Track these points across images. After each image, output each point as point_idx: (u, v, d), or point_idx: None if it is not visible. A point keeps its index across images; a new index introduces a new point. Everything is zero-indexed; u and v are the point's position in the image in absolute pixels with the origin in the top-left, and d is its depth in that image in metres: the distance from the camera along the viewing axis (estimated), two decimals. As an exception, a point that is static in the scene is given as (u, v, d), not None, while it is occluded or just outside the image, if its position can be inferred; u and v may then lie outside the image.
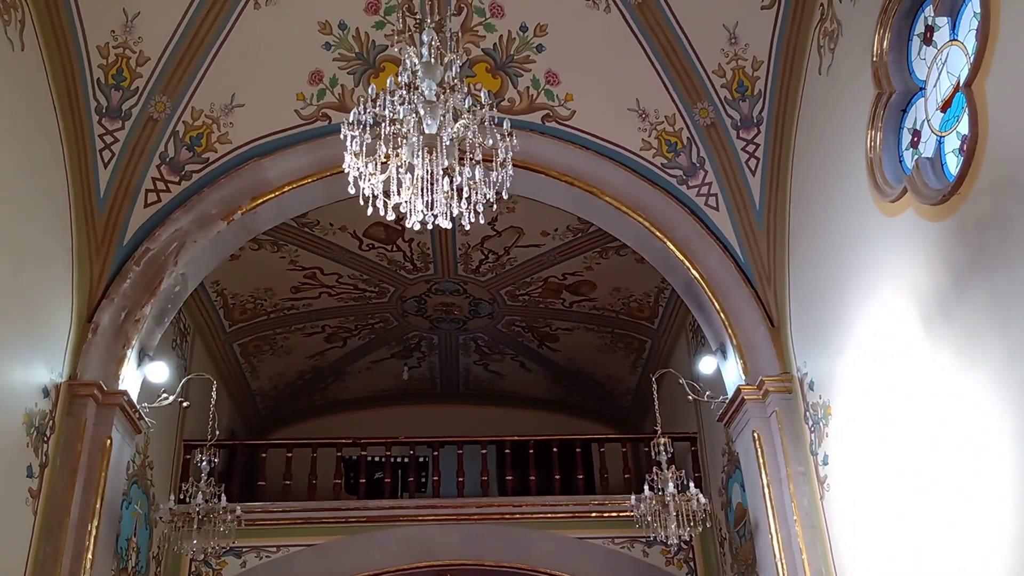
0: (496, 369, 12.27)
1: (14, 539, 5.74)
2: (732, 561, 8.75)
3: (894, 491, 5.40)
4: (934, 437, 4.92)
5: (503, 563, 9.25)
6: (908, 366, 5.20)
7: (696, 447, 9.74)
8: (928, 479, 4.99)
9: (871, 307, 5.64)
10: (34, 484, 5.95)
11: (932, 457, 4.94)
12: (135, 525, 7.84)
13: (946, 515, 4.81)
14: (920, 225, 5.02)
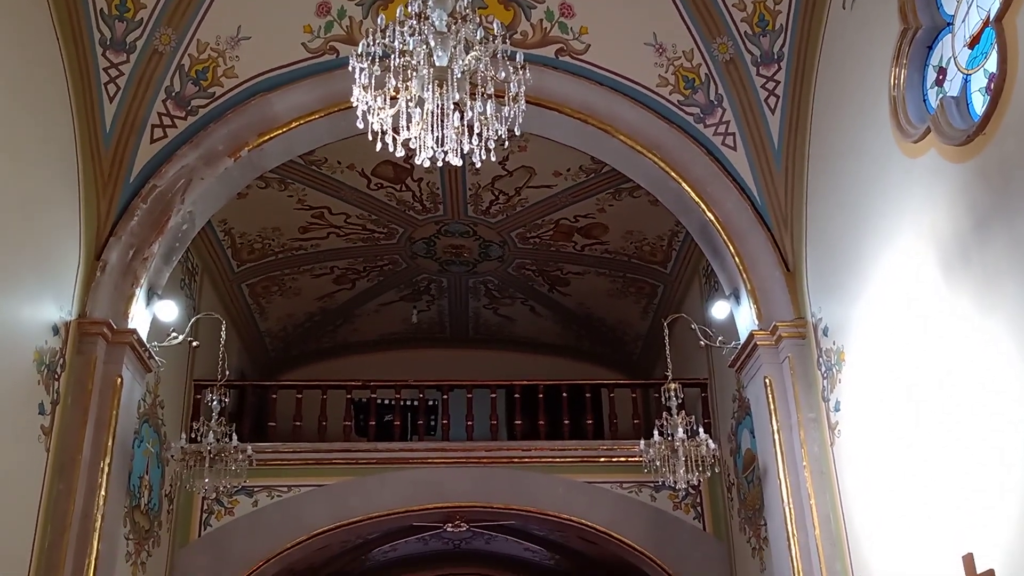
0: (506, 313, 12.33)
1: (28, 476, 5.90)
2: (739, 506, 8.90)
3: (907, 438, 5.45)
4: (949, 384, 4.94)
5: (511, 506, 9.44)
6: (925, 312, 5.20)
7: (706, 393, 9.82)
8: (942, 426, 5.03)
9: (889, 252, 5.63)
10: (46, 421, 6.09)
11: (947, 404, 4.98)
12: (147, 463, 8.02)
13: (960, 462, 4.86)
14: (942, 167, 4.97)
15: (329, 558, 11.12)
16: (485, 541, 11.66)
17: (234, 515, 9.01)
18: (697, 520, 9.47)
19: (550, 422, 9.87)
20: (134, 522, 7.72)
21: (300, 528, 9.02)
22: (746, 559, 8.77)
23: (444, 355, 12.38)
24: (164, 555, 8.55)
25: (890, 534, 5.69)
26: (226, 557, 8.86)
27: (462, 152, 4.10)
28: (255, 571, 8.92)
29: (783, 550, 6.79)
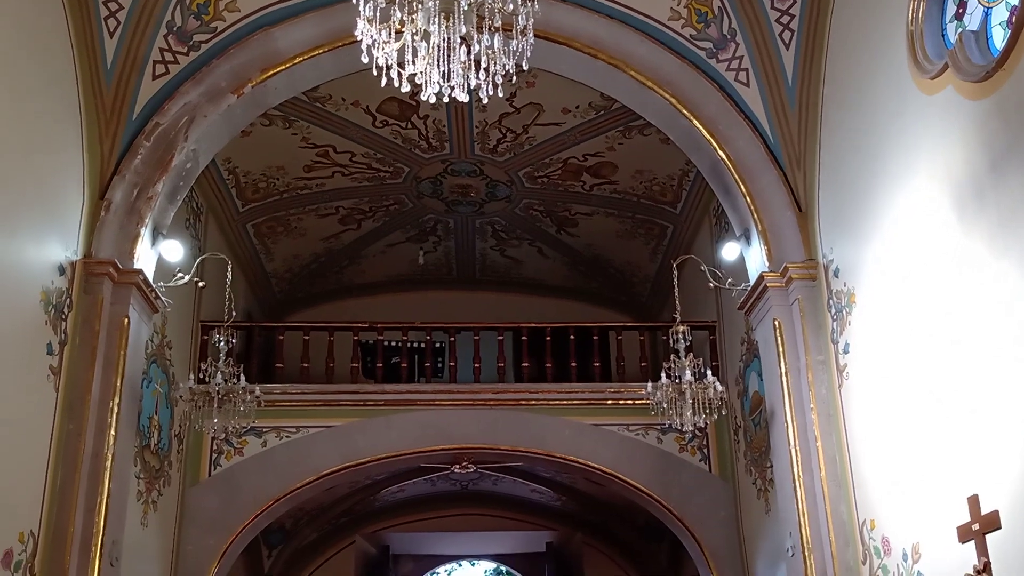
0: (513, 255, 12.35)
1: (38, 416, 6.02)
2: (746, 448, 9.04)
3: (915, 380, 5.52)
4: (959, 326, 4.98)
5: (518, 448, 9.59)
6: (938, 253, 5.22)
7: (714, 336, 9.89)
8: (950, 368, 5.09)
9: (903, 192, 5.62)
10: (54, 362, 6.19)
11: (956, 347, 5.02)
12: (156, 404, 8.17)
13: (967, 404, 4.92)
14: (959, 104, 4.93)
15: (338, 498, 11.37)
16: (492, 482, 11.88)
17: (243, 455, 9.20)
18: (703, 462, 9.63)
19: (557, 365, 9.96)
20: (144, 462, 7.89)
21: (309, 468, 9.21)
22: (751, 501, 8.94)
23: (451, 297, 12.44)
24: (175, 494, 8.76)
25: (896, 476, 5.79)
26: (236, 496, 9.07)
27: (469, 87, 4.07)
28: (265, 510, 9.15)
29: (788, 492, 6.91)
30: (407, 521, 12.87)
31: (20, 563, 5.65)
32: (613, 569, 12.74)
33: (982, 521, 4.74)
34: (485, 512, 12.88)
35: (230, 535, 8.99)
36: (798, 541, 6.71)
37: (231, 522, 9.02)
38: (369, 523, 12.71)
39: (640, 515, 11.07)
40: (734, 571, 9.22)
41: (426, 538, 13.22)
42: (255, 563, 11.23)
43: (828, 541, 6.51)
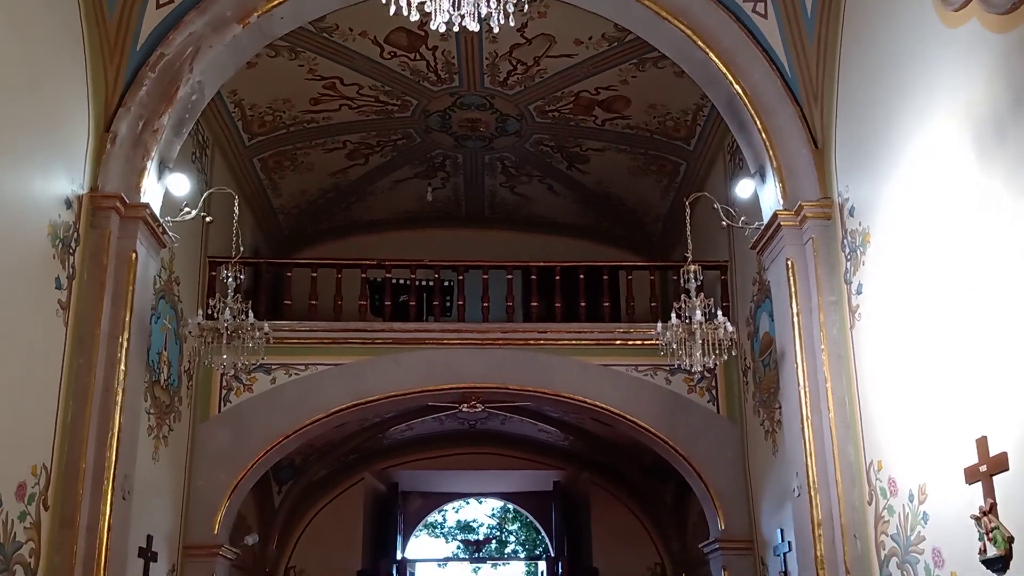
0: (523, 192, 12.33)
1: (48, 350, 6.11)
2: (755, 390, 9.14)
3: (927, 321, 5.55)
4: (974, 268, 5.00)
5: (526, 388, 9.73)
6: (955, 193, 5.21)
7: (726, 276, 9.92)
8: (963, 310, 5.12)
9: (923, 129, 5.58)
10: (63, 296, 6.27)
11: (972, 289, 5.04)
12: (165, 340, 8.29)
13: (978, 346, 4.97)
14: (983, 38, 4.87)
15: (347, 435, 11.58)
16: (500, 422, 12.05)
17: (253, 392, 9.37)
18: (711, 403, 9.76)
19: (566, 304, 10.03)
20: (154, 397, 8.05)
21: (318, 406, 9.38)
22: (759, 442, 9.08)
23: (460, 235, 12.47)
24: (185, 430, 8.95)
25: (904, 418, 5.87)
26: (246, 433, 9.26)
27: (479, 16, 4.03)
28: (275, 447, 9.35)
29: (796, 433, 7.01)
30: (415, 459, 13.11)
31: (33, 496, 5.80)
32: (619, 509, 12.99)
33: (990, 463, 4.81)
34: (493, 451, 13.09)
35: (240, 471, 9.20)
36: (804, 481, 6.83)
37: (241, 458, 9.22)
38: (378, 461, 12.96)
39: (647, 455, 11.26)
40: (739, 511, 9.41)
41: (434, 476, 13.49)
42: (265, 499, 11.51)
43: (835, 481, 6.62)
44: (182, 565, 8.80)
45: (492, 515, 23.65)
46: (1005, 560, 4.65)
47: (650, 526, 12.92)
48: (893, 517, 5.99)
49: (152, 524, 7.98)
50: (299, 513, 12.47)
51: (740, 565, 9.34)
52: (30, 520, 5.75)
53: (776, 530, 8.54)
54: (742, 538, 9.36)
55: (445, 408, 10.86)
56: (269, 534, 11.78)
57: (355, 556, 12.41)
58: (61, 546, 6.10)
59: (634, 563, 12.76)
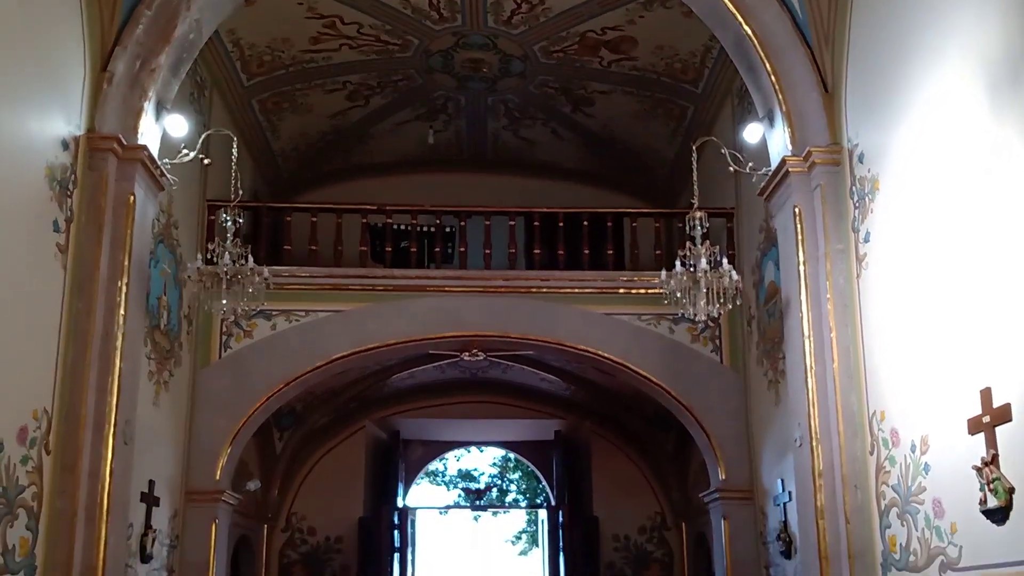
0: (526, 136, 12.26)
1: (46, 294, 6.15)
2: (759, 339, 9.20)
3: (934, 271, 5.58)
4: (986, 218, 5.01)
5: (528, 336, 9.80)
6: (967, 140, 5.19)
7: (732, 224, 9.92)
8: (971, 260, 5.14)
9: (935, 73, 5.54)
10: (61, 239, 6.29)
11: (978, 238, 5.06)
12: (164, 284, 8.34)
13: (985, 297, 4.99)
14: (1001, -22, 4.82)
15: (348, 383, 11.70)
16: (502, 370, 12.16)
17: (253, 338, 9.46)
18: (715, 353, 9.84)
19: (569, 252, 10.06)
20: (155, 342, 8.12)
21: (319, 353, 9.48)
22: (761, 392, 9.17)
23: (462, 180, 12.44)
24: (186, 376, 9.05)
25: (909, 368, 5.92)
26: (247, 379, 9.37)
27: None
28: (275, 393, 9.46)
29: (799, 383, 7.07)
30: (417, 407, 13.26)
31: (35, 440, 5.89)
32: (620, 458, 13.16)
33: (993, 414, 4.87)
34: (494, 400, 13.23)
35: (241, 417, 9.33)
36: (806, 432, 6.91)
37: (242, 404, 9.34)
38: (379, 408, 13.11)
39: (649, 405, 11.38)
40: (740, 461, 9.55)
41: (435, 424, 13.65)
42: (267, 445, 11.68)
43: (837, 432, 6.70)
44: (184, 510, 8.97)
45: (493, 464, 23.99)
46: (1005, 511, 4.73)
47: (651, 475, 13.11)
48: (894, 467, 6.09)
49: (154, 469, 8.12)
50: (300, 460, 12.66)
51: (740, 514, 9.51)
52: (32, 464, 5.85)
53: (777, 480, 8.67)
54: (742, 488, 9.52)
55: (446, 356, 10.95)
56: (271, 481, 11.98)
57: (356, 503, 12.62)
58: (63, 490, 6.21)
59: (634, 512, 12.99)
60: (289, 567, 12.45)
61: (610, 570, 12.78)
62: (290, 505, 12.64)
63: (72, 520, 6.22)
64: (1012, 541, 4.70)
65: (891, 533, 6.10)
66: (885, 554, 6.20)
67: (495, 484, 23.83)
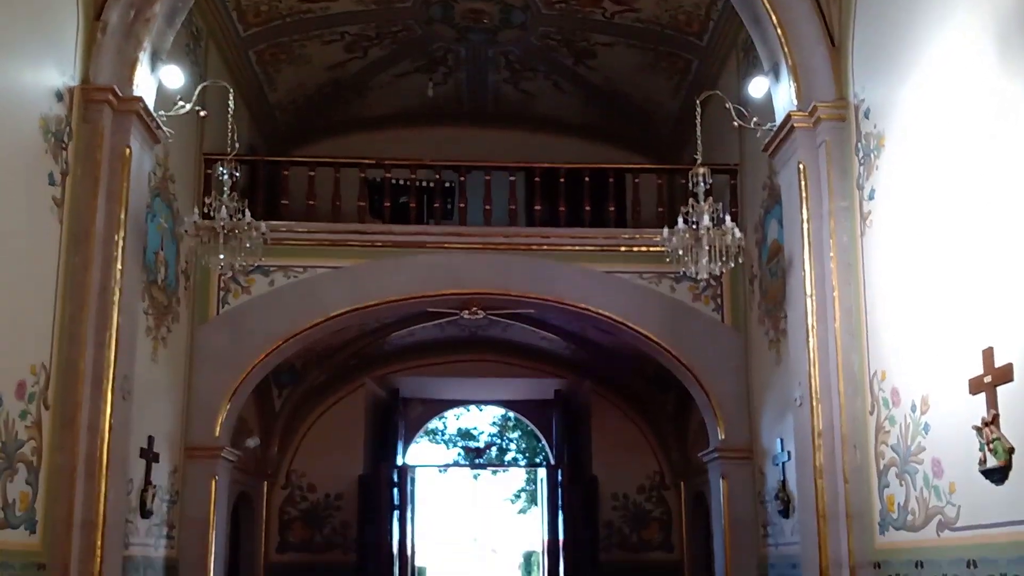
0: (527, 89, 12.17)
1: (43, 248, 6.17)
2: (760, 299, 9.23)
3: (940, 232, 5.59)
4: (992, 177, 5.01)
5: (528, 294, 9.82)
6: (975, 97, 5.17)
7: (736, 180, 9.89)
8: (976, 219, 5.15)
9: (943, 28, 5.50)
10: (57, 193, 6.30)
11: (983, 197, 5.07)
12: (161, 239, 8.35)
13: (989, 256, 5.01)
14: (1013, -69, 4.76)
15: (347, 340, 11.75)
16: (502, 329, 12.20)
17: (251, 294, 9.48)
18: (716, 312, 9.88)
19: (571, 208, 10.04)
20: (152, 297, 8.16)
21: (317, 310, 9.51)
22: (762, 351, 9.22)
23: (461, 134, 12.37)
24: (184, 331, 9.09)
25: (911, 328, 5.96)
26: (245, 335, 9.41)
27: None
28: (274, 350, 9.51)
29: (801, 342, 7.12)
30: (416, 365, 13.32)
31: (33, 394, 5.95)
32: (620, 417, 13.26)
33: (995, 373, 4.92)
34: (494, 359, 13.28)
35: (240, 374, 9.39)
36: (807, 391, 6.97)
37: (240, 361, 9.39)
38: (378, 366, 13.17)
39: (649, 365, 11.44)
40: (740, 421, 9.63)
41: (435, 382, 13.73)
42: (266, 403, 11.77)
43: (837, 392, 6.77)
44: (184, 466, 9.07)
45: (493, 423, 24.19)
46: (1004, 471, 4.80)
47: (650, 435, 13.23)
48: (894, 427, 6.15)
49: (153, 425, 8.20)
50: (300, 417, 12.76)
51: (739, 474, 9.62)
52: (31, 419, 5.92)
53: (776, 440, 8.77)
54: (742, 447, 9.61)
55: (446, 314, 10.97)
56: (270, 438, 12.10)
57: (356, 461, 12.75)
58: (63, 445, 6.30)
59: (633, 471, 13.12)
60: (289, 523, 12.62)
61: (609, 529, 12.95)
62: (290, 462, 12.77)
63: (72, 475, 6.32)
64: (1011, 501, 4.78)
65: (889, 493, 6.19)
66: (883, 514, 6.29)
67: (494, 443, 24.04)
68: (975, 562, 5.12)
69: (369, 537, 12.08)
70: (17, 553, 5.75)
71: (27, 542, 5.89)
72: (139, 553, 7.89)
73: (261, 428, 11.76)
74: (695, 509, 12.36)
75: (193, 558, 8.96)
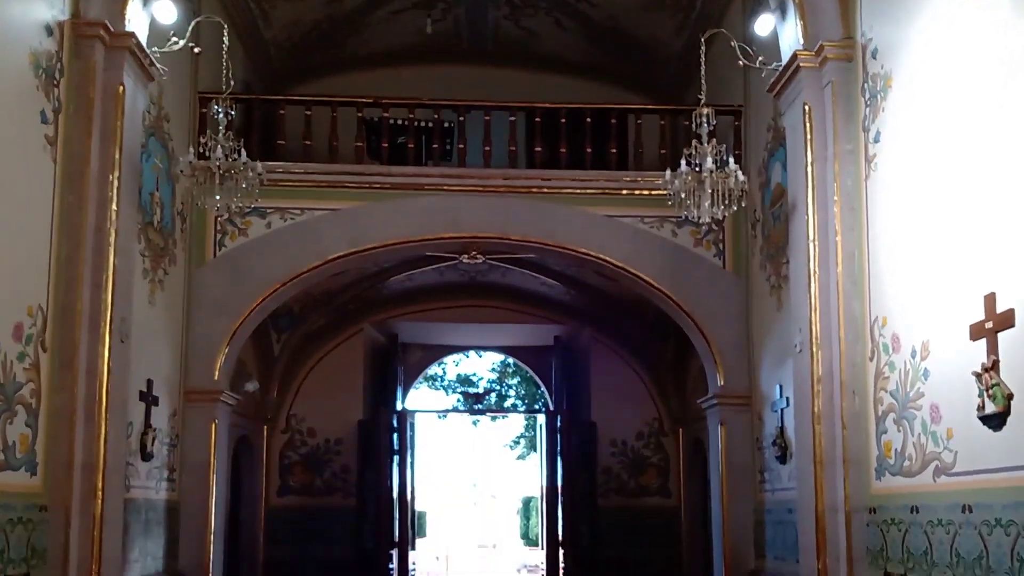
0: (528, 26, 11.98)
1: (36, 187, 6.16)
2: (763, 244, 9.23)
3: (945, 176, 5.58)
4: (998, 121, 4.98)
5: (528, 238, 9.81)
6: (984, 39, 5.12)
7: (740, 122, 9.81)
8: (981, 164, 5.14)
9: (956, -35, 5.43)
10: (49, 131, 6.27)
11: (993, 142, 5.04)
12: (156, 179, 8.32)
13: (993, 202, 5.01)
14: None
15: (345, 285, 11.78)
16: (501, 274, 12.21)
17: (248, 236, 9.47)
18: (717, 258, 9.89)
19: (572, 150, 9.99)
20: (148, 239, 8.16)
21: (315, 253, 9.51)
22: (763, 297, 9.26)
23: (461, 72, 12.21)
24: (181, 274, 9.11)
25: (913, 273, 5.99)
26: (243, 279, 9.42)
27: None
28: (272, 294, 9.53)
29: (802, 288, 7.16)
30: (415, 311, 13.37)
31: (31, 336, 6.00)
32: (619, 364, 13.35)
33: (996, 319, 4.96)
34: (493, 304, 13.32)
35: (238, 317, 9.43)
36: (807, 337, 7.02)
37: (238, 304, 9.43)
38: (377, 311, 13.22)
39: (649, 311, 11.49)
40: (739, 367, 9.69)
41: (434, 328, 13.79)
42: (265, 347, 11.85)
43: (838, 338, 6.82)
44: (183, 410, 9.16)
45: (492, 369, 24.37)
46: (1003, 417, 4.86)
47: (649, 382, 13.34)
48: (893, 373, 6.21)
49: (152, 368, 8.27)
50: (299, 362, 12.86)
51: (737, 420, 9.72)
52: (29, 361, 5.97)
53: (775, 386, 8.85)
54: (741, 394, 9.70)
55: (445, 259, 10.98)
56: (269, 382, 12.21)
57: (356, 406, 12.86)
58: (62, 388, 6.37)
59: (632, 418, 13.25)
60: (290, 468, 12.80)
61: (607, 475, 13.12)
62: (289, 407, 12.90)
63: (71, 417, 6.40)
64: (1008, 447, 4.85)
65: (887, 439, 6.27)
66: (880, 459, 6.39)
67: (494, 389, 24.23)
68: (970, 507, 5.21)
69: (369, 482, 12.26)
70: (19, 495, 5.85)
71: (28, 484, 5.99)
72: (140, 496, 8.01)
73: (260, 372, 11.86)
74: (693, 456, 12.52)
75: (194, 501, 9.10)
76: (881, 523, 6.34)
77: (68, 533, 6.30)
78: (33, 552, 6.02)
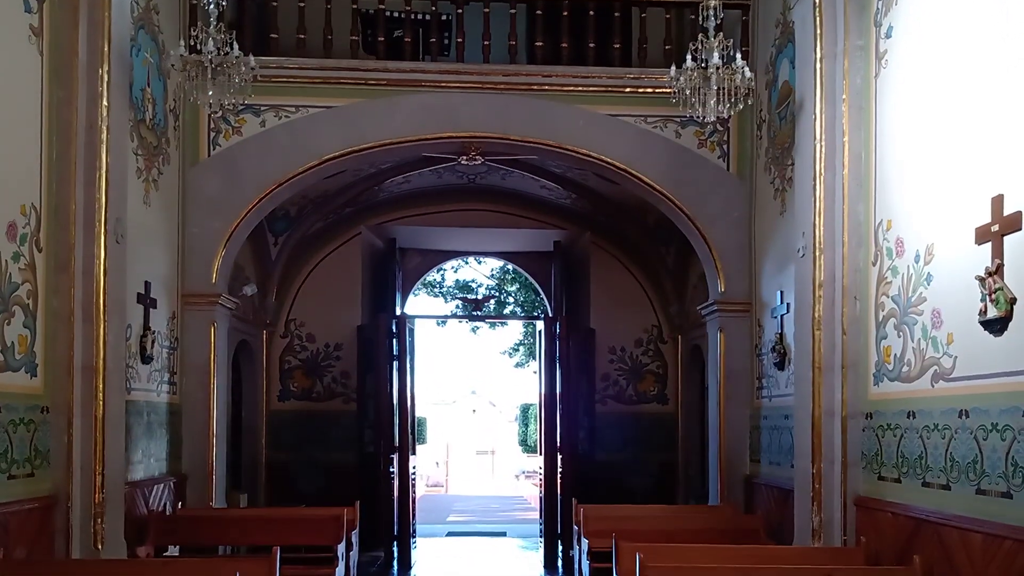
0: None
1: (23, 81, 6.06)
2: (768, 145, 9.15)
3: (958, 74, 5.49)
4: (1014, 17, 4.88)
5: (528, 138, 9.71)
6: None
7: (747, 17, 9.60)
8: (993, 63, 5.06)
9: None
10: (34, 21, 6.13)
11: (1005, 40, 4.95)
12: (147, 75, 8.18)
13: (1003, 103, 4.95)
14: None
15: (342, 186, 11.72)
16: (501, 177, 12.14)
17: (242, 135, 9.37)
18: (721, 159, 9.81)
19: (573, 45, 9.80)
20: (141, 137, 8.08)
21: (310, 152, 9.43)
22: (767, 200, 9.23)
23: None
24: (175, 173, 9.05)
25: (920, 175, 5.96)
26: (238, 179, 9.37)
27: None
28: (268, 195, 9.49)
29: (807, 190, 7.13)
30: (413, 214, 13.33)
31: (25, 236, 5.98)
32: (619, 270, 13.40)
33: (1003, 222, 4.95)
34: (493, 208, 13.28)
35: (234, 218, 9.41)
36: (810, 241, 7.02)
37: (234, 205, 9.40)
38: (375, 215, 13.18)
39: (651, 215, 11.47)
40: (741, 272, 9.73)
41: (433, 232, 13.78)
42: (262, 250, 11.86)
43: (841, 242, 6.84)
44: (182, 313, 9.23)
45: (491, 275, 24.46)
46: (1004, 321, 4.90)
47: (649, 288, 13.41)
48: (896, 278, 6.24)
49: (149, 271, 8.30)
50: (297, 266, 12.89)
51: (736, 327, 9.80)
52: (24, 261, 5.98)
53: (776, 292, 8.90)
54: (741, 300, 9.76)
55: (443, 160, 10.90)
56: (267, 286, 12.26)
57: (354, 311, 12.97)
58: (58, 289, 6.39)
59: (631, 325, 13.37)
60: (290, 372, 12.97)
61: (605, 381, 13.32)
62: (288, 311, 12.99)
63: (69, 319, 6.45)
64: (1008, 352, 4.91)
65: (886, 344, 6.35)
66: (878, 364, 6.47)
67: (493, 295, 24.38)
68: (967, 412, 5.31)
69: (369, 387, 12.44)
70: (20, 395, 5.95)
71: (29, 385, 6.08)
72: (142, 398, 8.14)
73: (258, 276, 11.90)
74: (691, 363, 12.69)
75: (196, 404, 9.25)
76: (877, 428, 6.46)
77: (71, 434, 6.40)
78: (36, 453, 6.15)
